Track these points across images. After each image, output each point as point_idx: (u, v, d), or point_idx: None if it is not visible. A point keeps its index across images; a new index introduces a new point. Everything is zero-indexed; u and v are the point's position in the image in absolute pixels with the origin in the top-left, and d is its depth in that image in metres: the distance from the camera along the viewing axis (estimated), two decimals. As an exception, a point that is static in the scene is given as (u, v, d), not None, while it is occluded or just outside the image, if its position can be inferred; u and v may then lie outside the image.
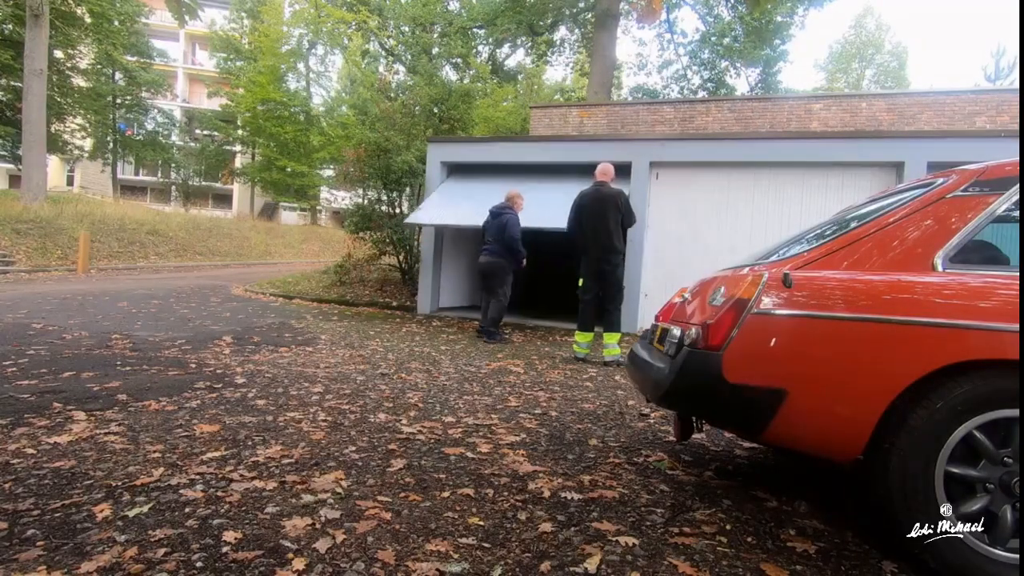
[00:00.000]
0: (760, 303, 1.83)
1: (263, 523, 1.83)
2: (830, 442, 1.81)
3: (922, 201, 1.92)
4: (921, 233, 1.85)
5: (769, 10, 10.38)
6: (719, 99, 12.86)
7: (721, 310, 1.91)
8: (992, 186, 1.87)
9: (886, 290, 1.75)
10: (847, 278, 1.82)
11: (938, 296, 1.69)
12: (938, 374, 1.64)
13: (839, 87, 32.32)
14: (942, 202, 1.89)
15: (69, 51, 20.47)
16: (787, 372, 1.80)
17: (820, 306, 1.78)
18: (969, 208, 1.84)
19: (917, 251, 1.82)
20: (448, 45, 22.40)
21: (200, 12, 11.99)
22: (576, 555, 1.70)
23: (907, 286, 1.75)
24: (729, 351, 1.84)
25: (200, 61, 36.74)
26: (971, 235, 1.80)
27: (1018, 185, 1.83)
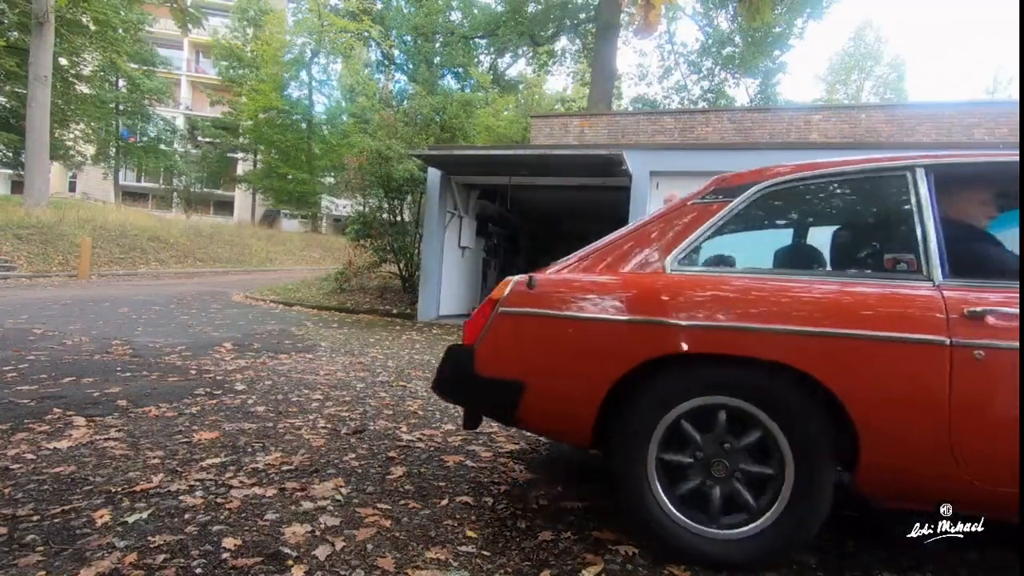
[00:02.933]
0: (507, 303, 1.97)
1: (263, 530, 1.83)
2: (565, 431, 1.99)
3: (673, 207, 2.08)
4: (660, 237, 1.99)
5: (768, 21, 10.47)
6: (719, 109, 12.93)
7: (478, 310, 2.06)
8: (726, 193, 1.98)
9: (609, 290, 1.90)
10: (579, 280, 1.97)
11: (653, 295, 1.82)
12: (647, 366, 1.77)
13: (838, 99, 32.51)
14: (684, 208, 2.03)
15: (73, 58, 20.60)
16: (525, 366, 1.93)
17: (552, 305, 1.91)
18: (704, 214, 1.97)
19: (653, 254, 1.96)
20: (449, 54, 22.56)
21: (204, 20, 12.09)
22: (576, 564, 1.69)
23: (629, 286, 1.88)
24: (481, 347, 1.98)
25: (204, 69, 36.97)
26: (701, 239, 1.95)
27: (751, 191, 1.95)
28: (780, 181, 1.96)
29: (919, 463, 1.61)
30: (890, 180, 1.87)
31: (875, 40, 33.94)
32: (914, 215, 1.77)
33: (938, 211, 1.78)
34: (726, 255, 2.06)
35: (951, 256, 1.73)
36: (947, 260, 1.71)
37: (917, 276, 1.71)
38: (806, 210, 2.26)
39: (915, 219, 1.77)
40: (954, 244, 1.78)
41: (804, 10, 17.67)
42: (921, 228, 1.75)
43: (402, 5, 24.61)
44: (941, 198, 1.83)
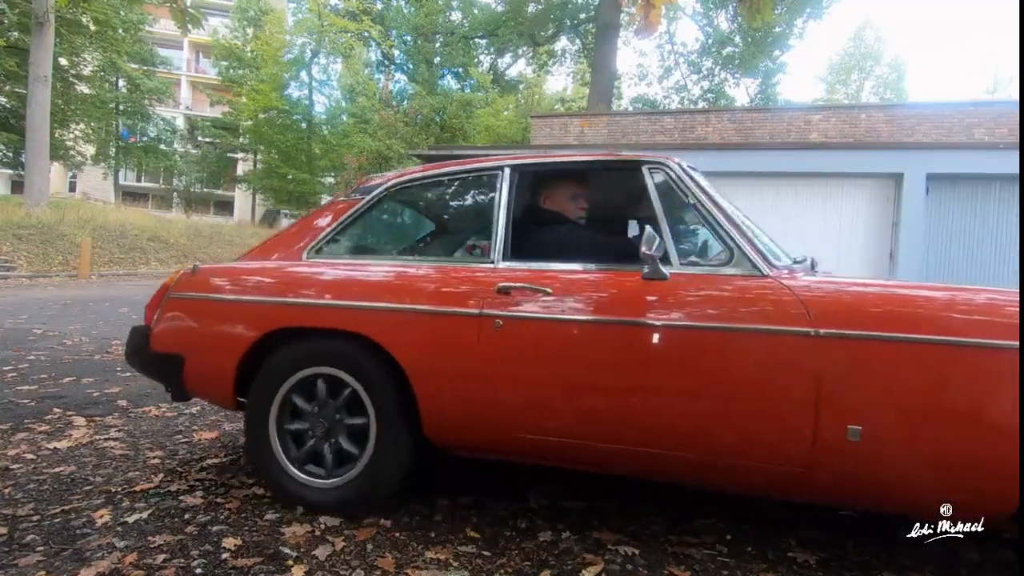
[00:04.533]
0: (174, 288, 2.22)
1: (263, 530, 1.83)
2: (215, 396, 2.21)
3: (330, 202, 2.39)
4: (308, 228, 2.27)
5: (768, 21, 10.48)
6: (719, 109, 12.94)
7: (156, 295, 2.29)
8: (363, 191, 2.26)
9: (247, 275, 2.17)
10: (230, 267, 2.25)
11: (274, 279, 2.11)
12: (269, 342, 2.04)
13: (838, 99, 32.51)
14: (334, 204, 2.33)
15: (73, 58, 20.60)
16: (183, 341, 2.18)
17: (204, 289, 2.17)
18: (342, 209, 2.25)
19: (299, 244, 2.23)
20: (449, 54, 22.57)
21: (204, 20, 12.08)
22: (576, 564, 1.69)
23: (260, 272, 2.16)
24: (155, 326, 2.22)
25: (204, 69, 36.97)
26: (336, 231, 2.22)
27: (380, 189, 2.22)
28: (404, 180, 2.25)
29: (459, 415, 1.90)
30: (486, 179, 2.17)
31: (875, 40, 33.95)
32: (495, 208, 2.05)
33: (516, 204, 2.07)
34: (358, 244, 2.36)
35: (515, 242, 2.01)
36: (510, 245, 1.99)
37: (484, 259, 2.02)
38: (424, 205, 2.64)
39: (494, 211, 2.05)
40: (524, 232, 2.08)
41: (804, 10, 17.69)
42: (496, 218, 2.03)
43: (402, 5, 24.61)
44: (528, 193, 2.20)
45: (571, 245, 2.07)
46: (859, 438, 1.54)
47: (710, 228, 1.83)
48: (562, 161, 2.24)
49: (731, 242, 1.77)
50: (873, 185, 7.26)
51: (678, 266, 1.80)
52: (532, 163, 2.17)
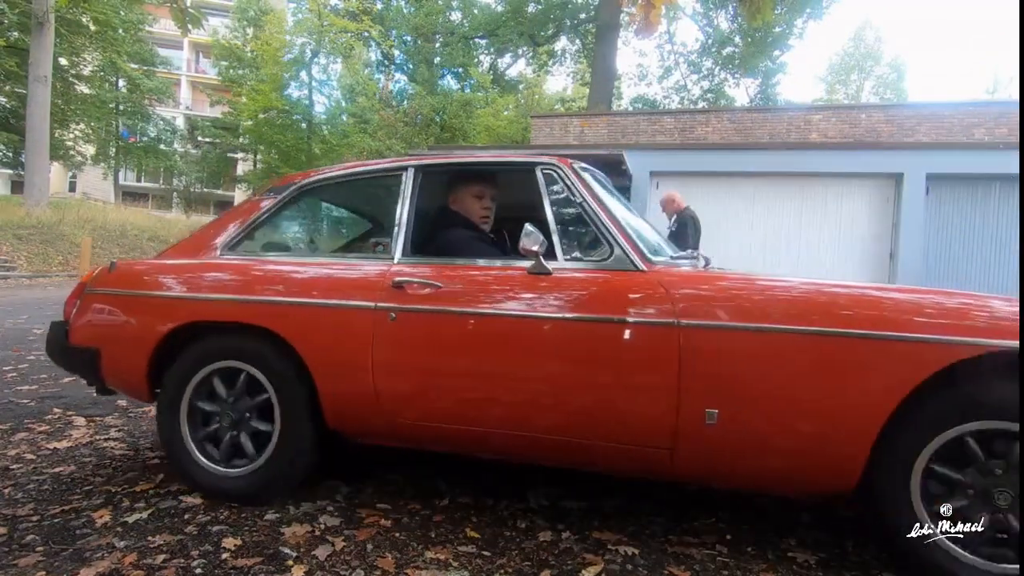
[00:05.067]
0: (92, 284, 2.28)
1: (263, 530, 1.83)
2: (131, 389, 2.26)
3: (245, 201, 2.48)
4: (224, 226, 2.34)
5: (768, 21, 10.48)
6: (719, 109, 12.94)
7: (74, 290, 2.34)
8: (277, 191, 2.34)
9: (162, 272, 2.24)
10: (147, 264, 2.32)
11: (186, 275, 2.18)
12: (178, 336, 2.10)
13: (838, 99, 32.51)
14: (249, 202, 2.42)
15: (73, 58, 20.60)
16: (99, 335, 2.23)
17: (120, 285, 2.24)
18: (256, 207, 2.33)
19: (216, 241, 2.30)
20: (449, 54, 22.56)
21: (204, 21, 12.08)
22: (576, 564, 1.69)
23: (173, 270, 2.23)
24: (73, 320, 2.27)
25: (204, 69, 36.97)
26: (250, 228, 2.30)
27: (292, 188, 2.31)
28: (314, 180, 2.35)
29: (358, 406, 1.98)
30: (391, 178, 2.24)
31: (875, 40, 33.94)
32: (398, 206, 2.15)
33: (419, 203, 2.16)
34: (270, 241, 2.43)
35: (416, 239, 2.12)
36: (410, 242, 2.09)
37: (385, 256, 2.10)
38: (335, 204, 2.73)
39: (398, 209, 2.14)
40: (425, 230, 2.21)
41: (804, 10, 17.68)
42: (399, 217, 2.12)
43: (402, 5, 24.59)
44: (432, 192, 2.28)
45: (468, 242, 2.20)
46: (715, 421, 1.67)
47: (593, 226, 1.94)
48: (463, 162, 2.43)
49: (611, 239, 1.89)
50: (873, 185, 7.25)
51: (563, 262, 1.91)
52: (435, 163, 2.28)
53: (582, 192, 1.98)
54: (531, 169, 2.09)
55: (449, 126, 14.92)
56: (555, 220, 1.97)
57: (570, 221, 2.09)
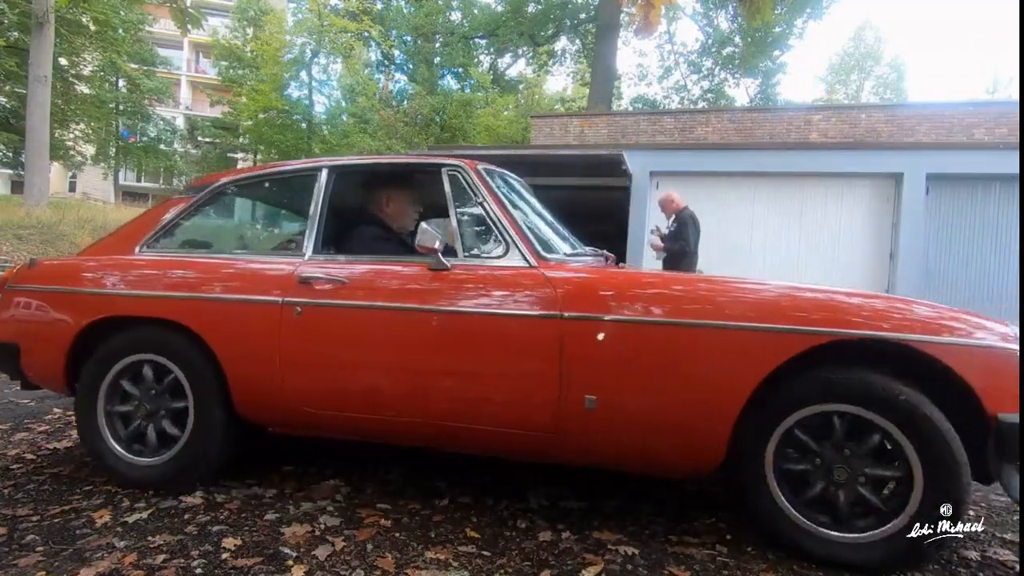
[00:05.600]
0: (12, 281, 2.36)
1: (263, 530, 1.83)
2: (49, 382, 2.33)
3: (164, 200, 2.58)
4: (142, 225, 2.43)
5: (768, 21, 10.49)
6: (719, 109, 12.94)
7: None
8: (195, 190, 2.44)
9: (78, 269, 2.31)
10: (65, 261, 2.45)
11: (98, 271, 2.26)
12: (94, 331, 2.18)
13: (838, 99, 32.49)
14: (167, 201, 2.50)
15: (73, 58, 20.59)
16: (18, 330, 2.31)
17: (39, 281, 2.31)
18: (175, 206, 2.42)
19: (134, 238, 2.38)
20: (449, 54, 22.55)
21: (204, 21, 12.08)
22: (576, 564, 1.69)
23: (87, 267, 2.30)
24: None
25: (204, 69, 36.97)
26: (167, 227, 2.38)
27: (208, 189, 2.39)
28: (232, 179, 2.43)
29: (267, 396, 2.08)
30: (306, 179, 2.32)
31: (875, 40, 33.90)
32: (311, 205, 2.23)
33: (331, 202, 2.24)
34: (188, 239, 2.49)
35: (327, 237, 2.21)
36: (321, 240, 2.18)
37: (297, 253, 2.19)
38: (252, 202, 2.83)
39: (311, 208, 2.23)
40: (336, 228, 2.29)
41: (804, 10, 17.67)
42: (312, 215, 2.22)
43: (402, 5, 24.58)
44: (345, 192, 2.35)
45: (377, 240, 2.32)
46: (594, 406, 1.80)
47: (491, 224, 2.06)
48: (375, 163, 2.58)
49: (507, 237, 2.01)
50: (873, 185, 7.25)
51: (462, 258, 2.03)
52: (348, 164, 2.39)
53: (483, 193, 2.09)
54: (437, 170, 2.19)
55: (449, 126, 14.92)
56: (457, 219, 2.09)
57: (471, 220, 2.23)
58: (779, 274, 7.48)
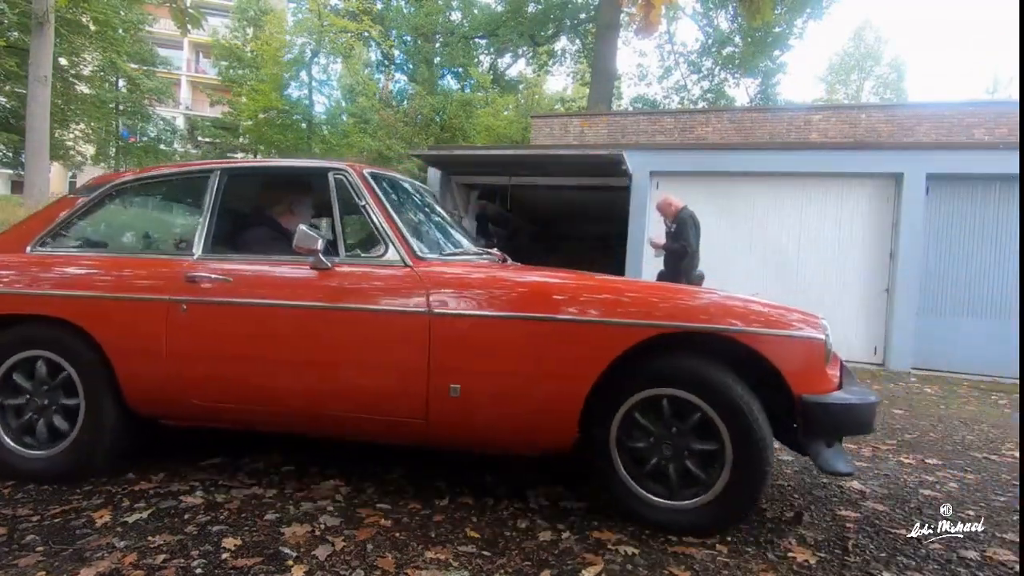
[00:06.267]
0: None
1: (263, 530, 1.83)
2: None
3: (58, 199, 2.65)
4: (35, 224, 2.48)
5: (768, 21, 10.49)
6: (719, 109, 12.94)
7: None
8: (89, 190, 2.49)
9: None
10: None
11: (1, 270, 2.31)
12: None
13: (838, 99, 32.48)
14: (62, 201, 2.58)
15: (73, 58, 20.58)
16: None
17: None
18: (69, 205, 2.47)
19: (27, 236, 2.42)
20: (449, 54, 22.53)
21: (204, 21, 12.08)
22: (576, 564, 1.69)
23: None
24: None
25: (204, 69, 36.97)
26: (60, 226, 2.42)
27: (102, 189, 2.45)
28: (127, 180, 2.51)
29: (155, 389, 2.19)
30: (199, 180, 2.41)
31: (875, 40, 33.88)
32: (203, 206, 2.32)
33: (223, 203, 2.33)
34: (81, 238, 2.53)
35: (217, 237, 2.29)
36: (211, 240, 2.27)
37: (187, 252, 2.28)
38: (146, 203, 2.89)
39: (202, 209, 2.31)
40: (227, 228, 2.39)
41: (804, 10, 17.65)
42: (203, 216, 2.30)
43: (402, 5, 24.56)
44: (237, 194, 2.44)
45: (265, 241, 2.41)
46: (459, 394, 1.98)
47: (373, 226, 2.18)
48: (266, 166, 2.76)
49: (386, 238, 2.14)
50: (873, 185, 7.25)
51: (343, 257, 2.16)
52: (239, 167, 2.52)
53: (366, 196, 2.21)
54: (324, 174, 2.30)
55: (449, 126, 14.91)
56: (341, 220, 2.22)
57: (354, 222, 2.33)
58: (779, 274, 7.49)
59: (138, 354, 2.19)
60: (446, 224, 2.82)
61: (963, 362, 6.74)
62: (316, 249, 2.04)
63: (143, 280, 2.23)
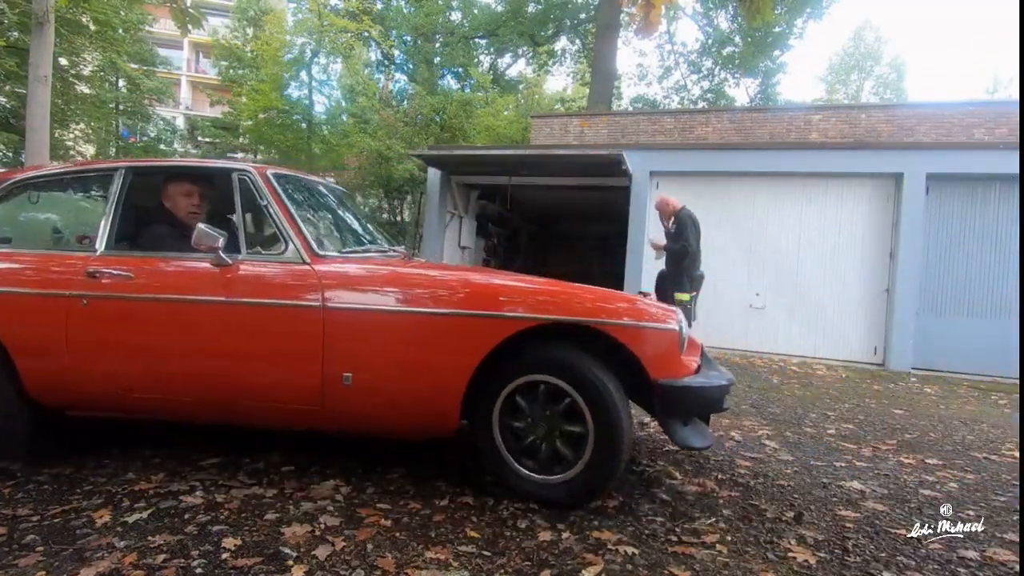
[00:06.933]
0: None
1: (263, 530, 1.83)
2: None
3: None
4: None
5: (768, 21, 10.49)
6: (719, 109, 12.93)
7: None
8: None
9: None
10: None
11: None
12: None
13: (838, 99, 32.47)
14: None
15: (73, 58, 20.56)
16: None
17: None
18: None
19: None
20: (449, 55, 22.53)
21: (204, 21, 12.06)
22: (576, 564, 1.69)
23: None
24: None
25: (204, 69, 36.97)
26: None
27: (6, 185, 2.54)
28: (30, 176, 2.60)
29: (56, 380, 2.28)
30: (104, 178, 2.52)
31: (875, 40, 33.88)
32: (107, 203, 2.41)
33: (127, 201, 2.41)
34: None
35: (120, 234, 2.38)
36: (114, 237, 2.36)
37: (89, 248, 2.35)
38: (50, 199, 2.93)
39: (106, 206, 2.40)
40: (130, 225, 2.46)
41: (804, 10, 17.64)
42: (106, 213, 2.38)
43: (402, 5, 24.56)
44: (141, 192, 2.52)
45: (167, 237, 2.45)
46: (351, 383, 2.12)
47: (274, 225, 2.29)
48: (170, 165, 2.87)
49: (286, 236, 2.25)
50: (873, 185, 7.24)
51: (245, 254, 2.26)
52: (144, 166, 2.63)
53: (268, 196, 2.32)
54: (228, 174, 2.41)
55: (449, 126, 14.89)
56: (242, 219, 2.33)
57: (257, 221, 2.46)
58: (779, 274, 7.48)
59: (38, 346, 2.27)
60: (356, 224, 2.99)
61: (963, 362, 6.74)
62: (216, 247, 2.14)
63: (44, 276, 2.32)
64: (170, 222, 2.56)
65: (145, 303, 2.24)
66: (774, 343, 7.43)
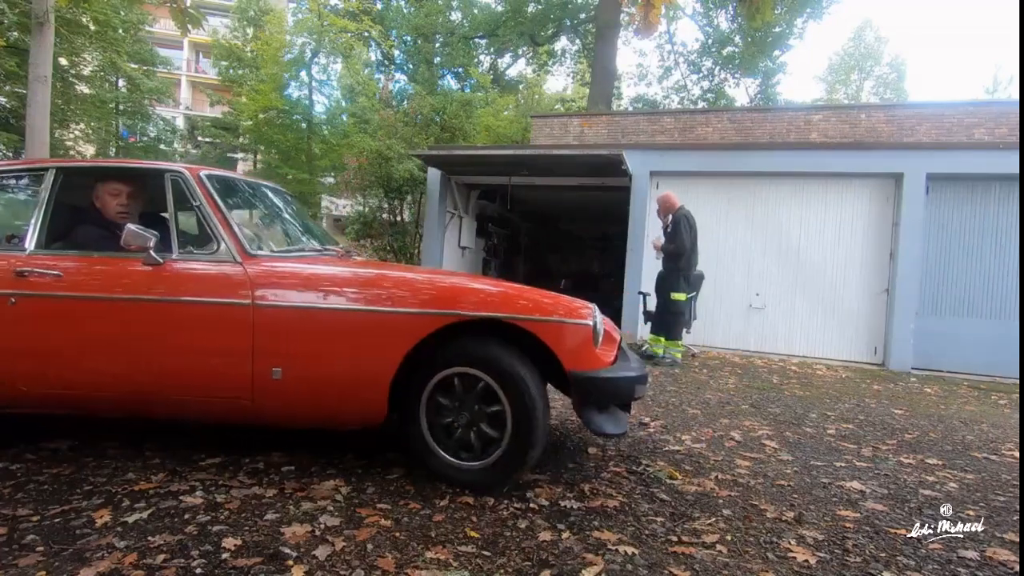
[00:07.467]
0: None
1: (263, 530, 1.83)
2: None
3: None
4: None
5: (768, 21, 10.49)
6: (719, 110, 12.93)
7: None
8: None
9: None
10: None
11: None
12: None
13: (838, 99, 32.46)
14: None
15: (73, 58, 20.56)
16: None
17: None
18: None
19: None
20: (449, 55, 22.54)
21: (204, 21, 12.07)
22: (576, 564, 1.69)
23: None
24: None
25: (203, 69, 36.97)
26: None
27: None
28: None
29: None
30: (34, 177, 2.57)
31: (875, 40, 33.86)
32: (37, 202, 2.44)
33: (57, 200, 2.45)
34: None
35: (51, 233, 2.41)
36: (44, 236, 2.38)
37: (19, 248, 2.38)
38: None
39: (36, 205, 2.43)
40: (61, 225, 2.47)
41: (804, 10, 17.64)
42: (36, 212, 2.41)
43: (402, 5, 24.57)
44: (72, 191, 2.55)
45: (99, 238, 2.48)
46: (281, 376, 2.20)
47: (206, 225, 2.34)
48: (102, 166, 2.91)
49: (218, 236, 2.31)
50: (873, 185, 7.24)
51: (177, 254, 2.31)
52: (75, 166, 2.66)
53: (200, 197, 2.38)
54: (160, 175, 2.46)
55: (449, 126, 14.89)
56: (175, 219, 2.37)
57: (190, 221, 2.48)
58: (779, 274, 7.48)
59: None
60: (296, 224, 3.06)
61: (963, 362, 6.74)
62: (147, 247, 2.19)
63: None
64: (100, 222, 2.58)
65: (74, 302, 2.27)
66: (774, 343, 7.43)
